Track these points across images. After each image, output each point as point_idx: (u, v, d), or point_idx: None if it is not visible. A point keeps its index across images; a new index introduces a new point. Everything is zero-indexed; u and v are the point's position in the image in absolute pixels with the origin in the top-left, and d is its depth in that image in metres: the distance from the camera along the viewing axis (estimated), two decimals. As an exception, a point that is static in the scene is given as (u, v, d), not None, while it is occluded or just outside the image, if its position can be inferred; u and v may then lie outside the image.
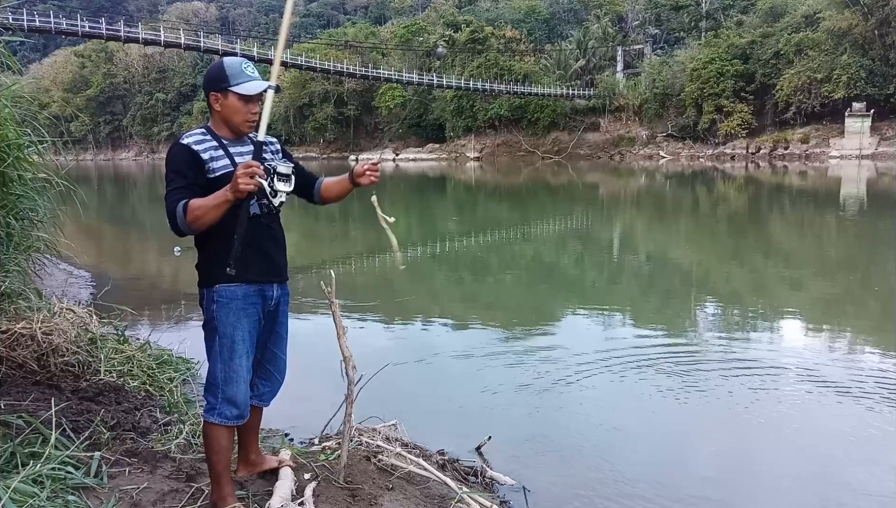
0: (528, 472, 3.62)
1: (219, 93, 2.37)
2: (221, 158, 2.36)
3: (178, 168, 2.30)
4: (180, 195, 2.26)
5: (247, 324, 2.42)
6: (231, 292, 2.39)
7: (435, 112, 62.92)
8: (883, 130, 43.79)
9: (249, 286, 2.42)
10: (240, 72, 2.35)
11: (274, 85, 2.36)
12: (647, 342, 6.18)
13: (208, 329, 2.44)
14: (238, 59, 2.38)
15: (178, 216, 2.23)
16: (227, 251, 2.30)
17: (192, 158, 2.31)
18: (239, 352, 2.40)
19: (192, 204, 2.22)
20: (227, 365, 2.40)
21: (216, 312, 2.40)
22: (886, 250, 11.39)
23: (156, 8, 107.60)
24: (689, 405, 4.71)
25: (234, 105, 2.36)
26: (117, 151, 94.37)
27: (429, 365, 5.63)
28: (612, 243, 14.21)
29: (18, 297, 4.37)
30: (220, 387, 2.41)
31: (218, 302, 2.39)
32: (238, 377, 2.41)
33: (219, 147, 2.37)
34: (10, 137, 4.19)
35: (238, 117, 2.38)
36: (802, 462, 3.88)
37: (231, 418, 2.43)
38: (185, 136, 2.38)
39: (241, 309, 2.40)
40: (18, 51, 72.95)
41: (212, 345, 2.43)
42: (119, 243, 15.37)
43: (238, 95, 2.34)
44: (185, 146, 2.33)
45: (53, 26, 44.96)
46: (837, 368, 5.38)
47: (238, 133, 2.42)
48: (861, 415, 4.44)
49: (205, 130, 2.41)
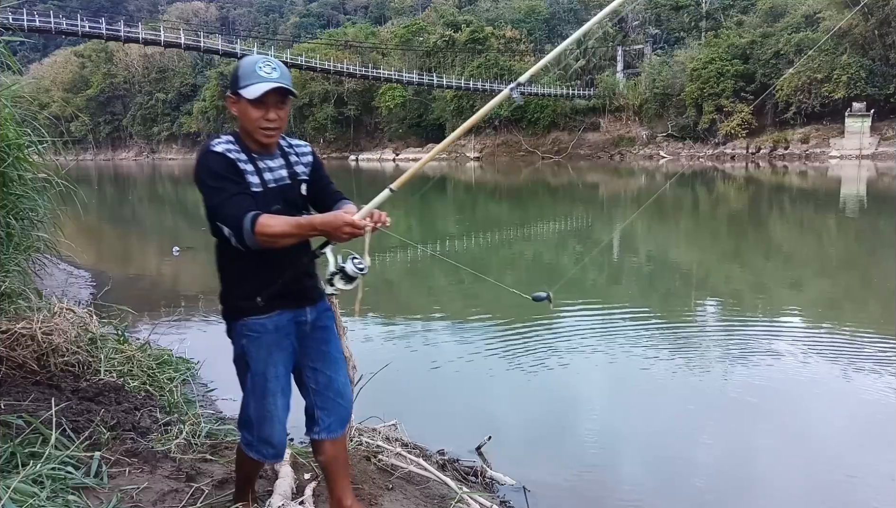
0: (528, 472, 3.62)
1: (234, 95, 2.12)
2: (252, 175, 2.12)
3: (222, 174, 2.06)
4: (245, 204, 2.03)
5: (280, 359, 2.22)
6: (261, 324, 2.18)
7: (435, 112, 62.88)
8: (883, 130, 43.78)
9: (281, 316, 2.20)
10: (251, 72, 2.09)
11: (284, 87, 2.08)
12: (648, 342, 6.18)
13: (239, 365, 2.26)
14: (256, 58, 2.12)
15: (244, 229, 1.99)
16: (257, 281, 2.13)
17: (231, 165, 2.08)
18: (272, 390, 2.21)
19: (264, 220, 1.99)
20: (261, 404, 2.22)
21: (246, 347, 2.20)
22: (887, 250, 11.39)
23: (156, 8, 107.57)
24: (690, 405, 4.72)
25: (245, 110, 2.10)
26: (117, 151, 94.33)
27: (429, 365, 5.63)
28: (611, 242, 14.21)
29: (18, 297, 4.37)
30: (255, 426, 2.25)
31: (248, 337, 2.18)
32: (273, 417, 2.23)
33: (248, 160, 2.13)
34: (10, 137, 4.19)
35: (249, 124, 2.11)
36: (803, 458, 3.89)
37: (269, 457, 2.31)
38: (214, 143, 2.13)
39: (273, 343, 2.19)
40: (18, 51, 72.88)
41: (244, 381, 2.25)
42: (119, 243, 15.37)
43: (247, 99, 2.09)
44: (220, 154, 2.08)
45: (53, 26, 44.98)
46: (837, 367, 5.38)
47: (256, 142, 2.14)
48: (861, 410, 4.44)
49: (233, 139, 2.15)
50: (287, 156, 2.23)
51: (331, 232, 2.03)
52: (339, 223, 1.99)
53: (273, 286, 2.13)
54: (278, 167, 2.19)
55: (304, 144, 2.33)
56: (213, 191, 2.05)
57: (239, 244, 2.04)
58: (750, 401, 4.68)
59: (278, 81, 2.08)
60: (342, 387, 2.36)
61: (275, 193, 2.14)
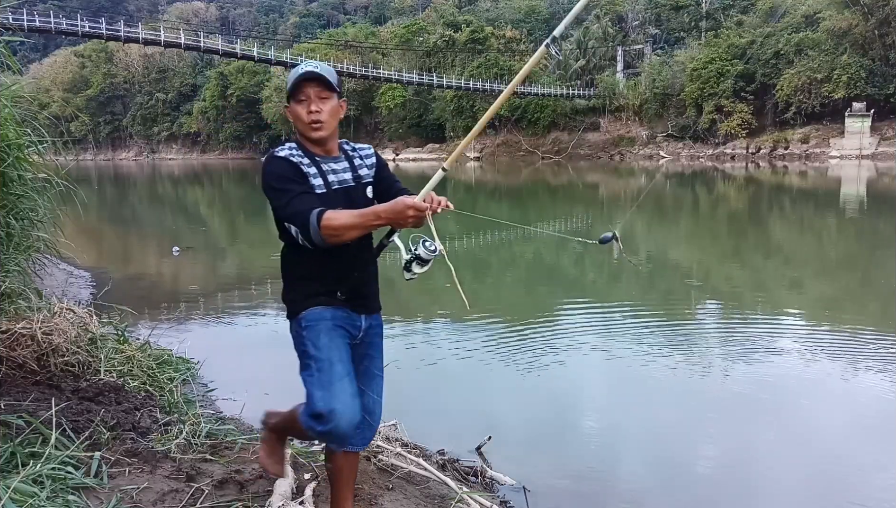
0: (528, 472, 3.62)
1: (288, 104, 2.19)
2: (316, 177, 2.16)
3: (286, 176, 2.10)
4: (309, 202, 2.06)
5: (343, 344, 2.18)
6: (318, 313, 2.18)
7: (435, 112, 62.94)
8: (883, 130, 43.81)
9: (337, 310, 2.20)
10: (294, 74, 2.15)
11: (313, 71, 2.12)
12: (648, 341, 6.17)
13: (303, 359, 2.17)
14: (301, 64, 2.18)
15: (311, 226, 2.02)
16: (320, 279, 2.17)
17: (294, 169, 2.12)
18: (339, 373, 2.11)
19: (329, 215, 2.02)
20: (328, 391, 2.08)
21: (307, 337, 2.16)
22: (887, 250, 11.39)
23: (156, 8, 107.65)
24: (690, 404, 4.72)
25: (293, 110, 2.16)
26: (117, 151, 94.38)
27: (429, 365, 5.63)
28: (611, 242, 14.19)
29: (18, 297, 4.37)
30: (325, 417, 2.07)
31: (307, 327, 2.17)
32: (341, 402, 2.08)
33: (311, 163, 2.17)
34: (10, 137, 4.19)
35: (297, 122, 2.16)
36: (804, 457, 3.89)
37: (340, 447, 2.27)
38: (277, 150, 2.17)
39: (332, 329, 2.18)
40: (18, 51, 72.96)
41: (308, 374, 2.14)
42: (119, 243, 15.36)
43: (289, 96, 2.14)
44: (282, 158, 2.13)
45: (53, 26, 44.98)
46: (837, 366, 5.38)
47: (310, 140, 2.18)
48: (861, 409, 4.44)
49: (295, 145, 2.20)
50: (351, 159, 2.27)
51: (395, 218, 2.03)
52: (401, 208, 2.00)
53: (344, 283, 2.18)
54: (342, 170, 2.22)
55: (366, 147, 2.36)
56: (278, 193, 2.09)
57: (306, 242, 2.07)
58: (750, 400, 4.68)
59: (313, 68, 2.12)
60: (373, 405, 2.32)
61: (339, 194, 2.17)
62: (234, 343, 6.58)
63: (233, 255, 13.24)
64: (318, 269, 2.18)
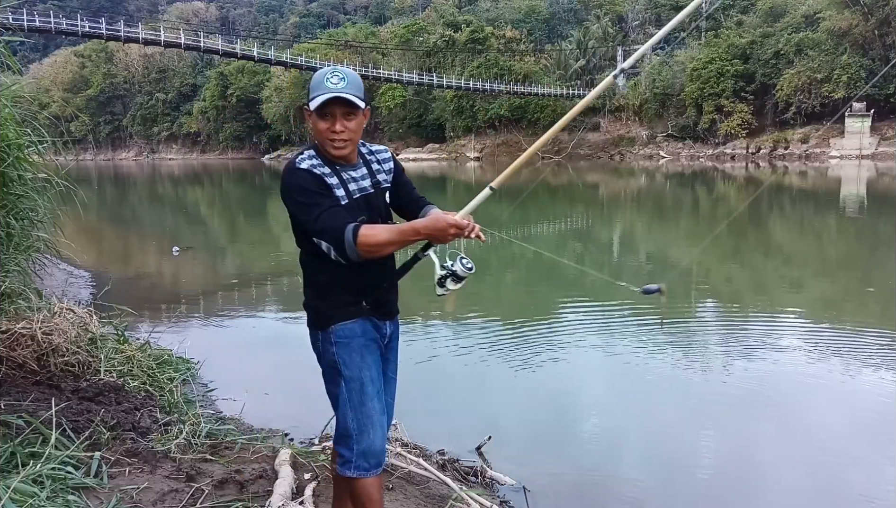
0: (528, 472, 3.62)
1: (307, 107, 2.06)
2: (338, 187, 2.08)
3: (311, 190, 2.02)
4: (340, 217, 2.00)
5: (373, 361, 2.18)
6: (350, 329, 2.13)
7: (435, 112, 62.93)
8: (883, 130, 43.81)
9: (366, 322, 2.18)
10: (319, 83, 2.02)
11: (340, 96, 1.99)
12: (648, 341, 6.17)
13: (331, 375, 2.16)
14: (327, 70, 2.04)
15: (346, 243, 1.97)
16: (349, 291, 2.12)
17: (319, 181, 2.04)
18: (370, 394, 2.13)
19: (366, 231, 1.97)
20: (359, 411, 2.11)
21: (337, 354, 2.13)
22: (887, 250, 11.38)
23: (156, 8, 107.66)
24: (690, 404, 4.72)
25: (314, 122, 2.06)
26: (117, 151, 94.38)
27: (428, 365, 5.63)
28: (611, 242, 14.22)
29: (18, 297, 4.37)
30: (354, 437, 2.11)
31: (337, 343, 2.13)
32: (372, 422, 2.12)
33: (332, 173, 2.08)
34: (10, 137, 4.19)
35: (318, 136, 2.07)
36: (805, 456, 3.89)
37: (371, 468, 2.14)
38: (298, 160, 2.07)
39: (363, 346, 2.16)
40: (18, 51, 72.94)
41: (338, 392, 2.14)
42: (119, 243, 15.36)
43: (313, 110, 2.03)
44: (306, 170, 2.04)
45: (53, 26, 44.97)
46: (838, 365, 5.37)
47: (330, 154, 2.09)
48: (862, 408, 4.44)
49: (314, 152, 2.10)
50: (369, 164, 2.21)
51: (435, 235, 2.02)
52: (443, 225, 1.98)
53: (373, 293, 2.14)
54: (361, 177, 2.16)
55: (383, 150, 2.30)
56: (304, 207, 2.03)
57: (340, 257, 2.01)
58: (750, 400, 4.68)
59: (341, 90, 2.00)
60: (391, 410, 2.37)
61: (360, 203, 2.11)
62: (234, 343, 6.57)
63: (233, 255, 13.23)
64: (346, 279, 2.11)
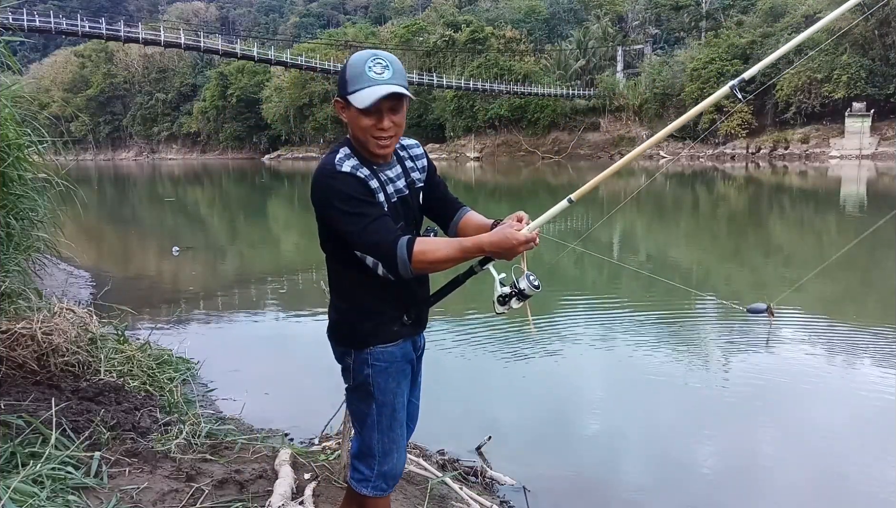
0: (528, 472, 3.62)
1: (342, 99, 1.83)
2: (379, 192, 1.88)
3: (356, 197, 1.82)
4: (389, 229, 1.81)
5: (405, 386, 2.08)
6: (390, 353, 2.00)
7: (435, 112, 62.91)
8: (883, 130, 43.78)
9: (406, 344, 2.05)
10: (361, 73, 1.77)
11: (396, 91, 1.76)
12: (647, 341, 6.18)
13: (361, 395, 2.03)
14: (366, 56, 1.79)
15: (399, 259, 1.78)
16: (392, 308, 1.97)
17: (364, 187, 1.84)
18: (400, 420, 2.06)
19: (422, 247, 1.78)
20: (387, 436, 2.03)
21: (372, 377, 1.99)
22: (887, 250, 11.38)
23: (156, 8, 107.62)
24: (690, 404, 4.72)
25: (355, 118, 1.81)
26: (117, 151, 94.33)
27: (428, 365, 5.61)
28: (612, 242, 14.21)
29: (18, 297, 4.37)
30: (377, 459, 2.04)
31: (374, 366, 1.99)
32: (397, 446, 2.07)
33: (372, 175, 1.87)
34: (10, 137, 4.19)
35: (361, 134, 1.84)
36: (805, 455, 3.89)
37: (388, 489, 2.09)
38: (338, 161, 1.84)
39: (399, 371, 2.03)
40: (18, 51, 72.96)
41: (366, 413, 2.03)
42: (119, 243, 15.36)
43: (357, 107, 1.79)
44: (349, 174, 1.82)
45: (53, 26, 44.99)
46: (838, 365, 5.38)
47: (369, 153, 1.88)
48: (862, 407, 4.44)
49: (350, 151, 1.88)
50: (403, 162, 2.02)
51: (503, 253, 1.85)
52: (512, 244, 1.82)
53: (413, 309, 2.01)
54: (397, 177, 1.97)
55: (415, 145, 2.10)
56: (349, 217, 1.81)
57: (388, 273, 1.85)
58: (750, 399, 4.68)
59: (392, 82, 1.78)
60: (414, 411, 2.28)
61: (397, 206, 1.94)
62: (234, 343, 6.58)
63: (233, 255, 13.24)
64: (390, 295, 1.97)
